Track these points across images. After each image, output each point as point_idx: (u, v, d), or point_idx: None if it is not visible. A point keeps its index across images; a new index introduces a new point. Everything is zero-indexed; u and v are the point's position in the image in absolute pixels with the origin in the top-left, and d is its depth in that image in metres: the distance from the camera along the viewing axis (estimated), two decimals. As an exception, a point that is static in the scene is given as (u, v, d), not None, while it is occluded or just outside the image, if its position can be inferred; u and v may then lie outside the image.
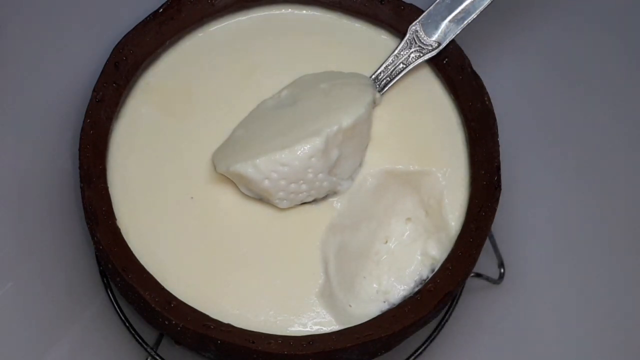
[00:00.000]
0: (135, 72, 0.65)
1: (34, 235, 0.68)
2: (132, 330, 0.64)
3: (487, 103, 0.64)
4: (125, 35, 0.65)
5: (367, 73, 0.66)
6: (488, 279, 0.68)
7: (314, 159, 0.60)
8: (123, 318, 0.65)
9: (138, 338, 0.64)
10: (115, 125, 0.64)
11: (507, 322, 0.69)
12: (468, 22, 0.65)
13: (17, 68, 0.73)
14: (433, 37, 0.66)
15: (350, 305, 0.62)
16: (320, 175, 0.61)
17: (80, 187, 0.61)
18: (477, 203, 0.62)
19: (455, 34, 0.65)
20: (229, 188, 0.63)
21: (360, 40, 0.68)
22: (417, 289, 0.62)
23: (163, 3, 0.66)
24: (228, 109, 0.65)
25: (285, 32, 0.68)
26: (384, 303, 0.62)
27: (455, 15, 0.66)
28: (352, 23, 0.68)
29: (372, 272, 0.64)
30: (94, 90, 0.63)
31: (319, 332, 0.59)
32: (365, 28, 0.68)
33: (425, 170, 0.64)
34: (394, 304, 0.62)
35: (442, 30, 0.66)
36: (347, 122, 0.61)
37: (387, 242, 0.64)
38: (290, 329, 0.60)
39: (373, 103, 0.64)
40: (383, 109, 0.65)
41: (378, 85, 0.65)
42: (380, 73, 0.66)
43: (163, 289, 0.59)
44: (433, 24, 0.66)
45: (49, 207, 0.69)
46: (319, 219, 0.62)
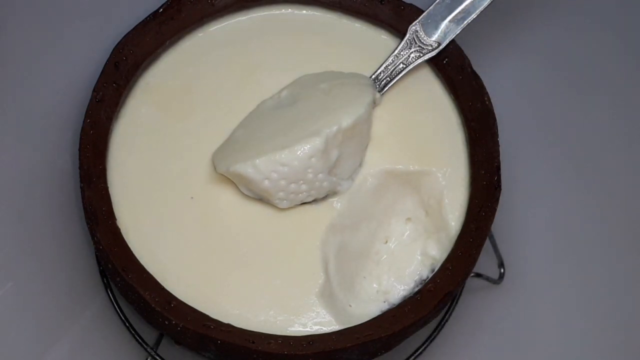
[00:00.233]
0: (135, 72, 0.65)
1: (34, 235, 0.68)
2: (132, 330, 0.64)
3: (487, 103, 0.64)
4: (125, 35, 0.65)
5: (367, 73, 0.66)
6: (488, 279, 0.68)
7: (314, 159, 0.60)
8: (123, 318, 0.64)
9: (138, 338, 0.64)
10: (115, 125, 0.64)
11: (507, 322, 0.69)
12: (468, 22, 0.65)
13: (17, 68, 0.73)
14: (433, 37, 0.66)
15: (350, 305, 0.62)
16: (320, 176, 0.61)
17: (80, 187, 0.61)
18: (477, 203, 0.62)
19: (455, 34, 0.65)
20: (229, 188, 0.63)
21: (360, 40, 0.68)
22: (417, 289, 0.62)
23: (163, 3, 0.66)
24: (228, 109, 0.65)
25: (285, 32, 0.68)
26: (384, 303, 0.62)
27: (455, 15, 0.66)
28: (352, 23, 0.68)
29: (372, 272, 0.64)
30: (94, 90, 0.63)
31: (319, 332, 0.59)
32: (365, 28, 0.68)
33: (425, 170, 0.64)
34: (394, 304, 0.62)
35: (442, 30, 0.66)
36: (347, 122, 0.61)
37: (387, 242, 0.64)
38: (290, 329, 0.60)
39: (373, 103, 0.64)
40: (383, 109, 0.65)
41: (378, 85, 0.65)
42: (380, 73, 0.66)
43: (163, 289, 0.59)
44: (433, 24, 0.66)
45: (49, 207, 0.69)
46: (319, 219, 0.62)
